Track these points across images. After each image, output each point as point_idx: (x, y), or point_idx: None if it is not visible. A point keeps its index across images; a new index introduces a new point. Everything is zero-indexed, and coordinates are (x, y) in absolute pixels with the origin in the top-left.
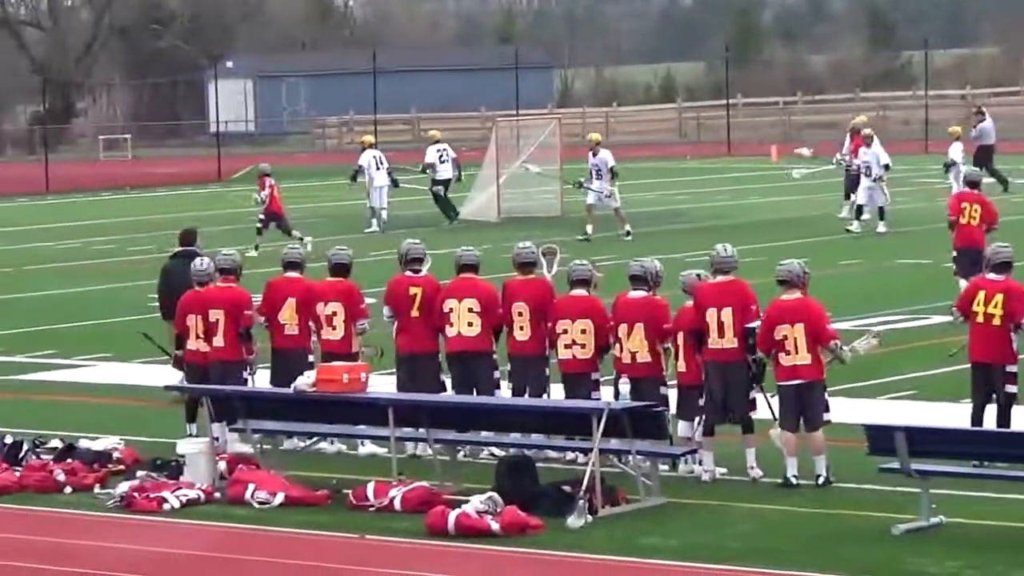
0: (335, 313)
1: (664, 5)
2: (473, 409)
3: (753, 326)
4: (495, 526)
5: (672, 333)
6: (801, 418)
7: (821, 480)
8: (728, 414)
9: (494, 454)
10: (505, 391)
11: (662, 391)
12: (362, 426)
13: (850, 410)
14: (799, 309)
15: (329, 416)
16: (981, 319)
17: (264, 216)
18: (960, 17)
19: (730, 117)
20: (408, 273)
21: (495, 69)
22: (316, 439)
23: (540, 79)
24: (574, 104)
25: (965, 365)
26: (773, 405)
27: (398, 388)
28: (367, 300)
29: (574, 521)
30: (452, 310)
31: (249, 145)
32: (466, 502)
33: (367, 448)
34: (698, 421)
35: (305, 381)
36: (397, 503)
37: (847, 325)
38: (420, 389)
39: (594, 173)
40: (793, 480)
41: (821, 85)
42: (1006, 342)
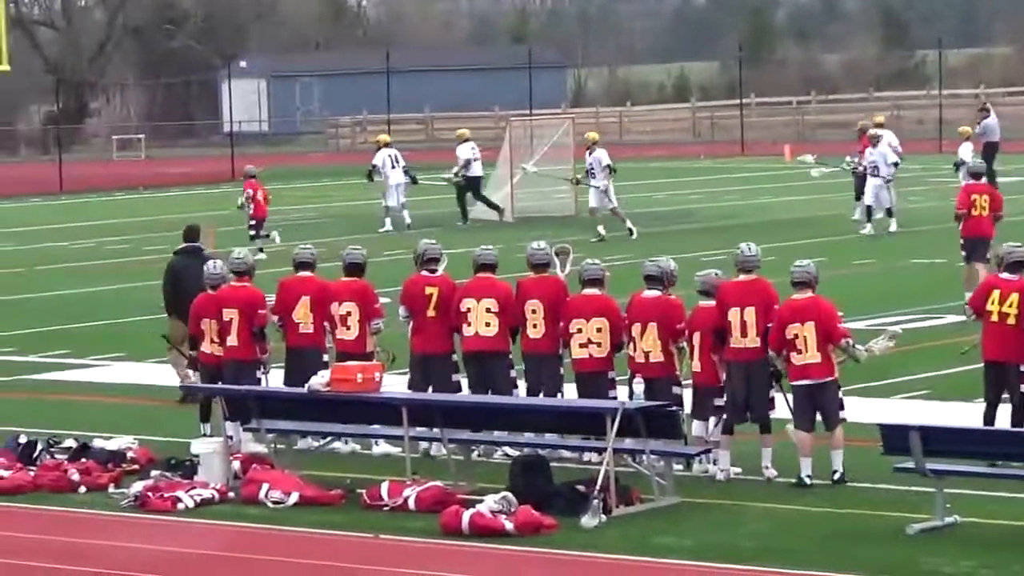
0: (349, 313)
1: (677, 4)
2: (487, 409)
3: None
4: (509, 526)
5: (686, 333)
6: (817, 417)
7: (837, 476)
8: (748, 413)
9: (508, 454)
10: (521, 391)
11: (676, 391)
12: (376, 426)
13: (864, 410)
14: (810, 308)
15: (343, 416)
16: (995, 318)
17: (254, 220)
18: (974, 16)
19: (743, 117)
20: (424, 273)
21: (508, 69)
22: (330, 439)
23: (553, 79)
24: (587, 104)
25: (978, 364)
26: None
27: (412, 388)
28: (382, 300)
29: (588, 521)
30: (470, 309)
31: (263, 145)
32: (480, 502)
33: (381, 448)
34: (715, 421)
35: (319, 381)
36: (411, 503)
37: (861, 325)
38: (434, 389)
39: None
40: (807, 480)
41: (835, 85)
42: (1021, 341)
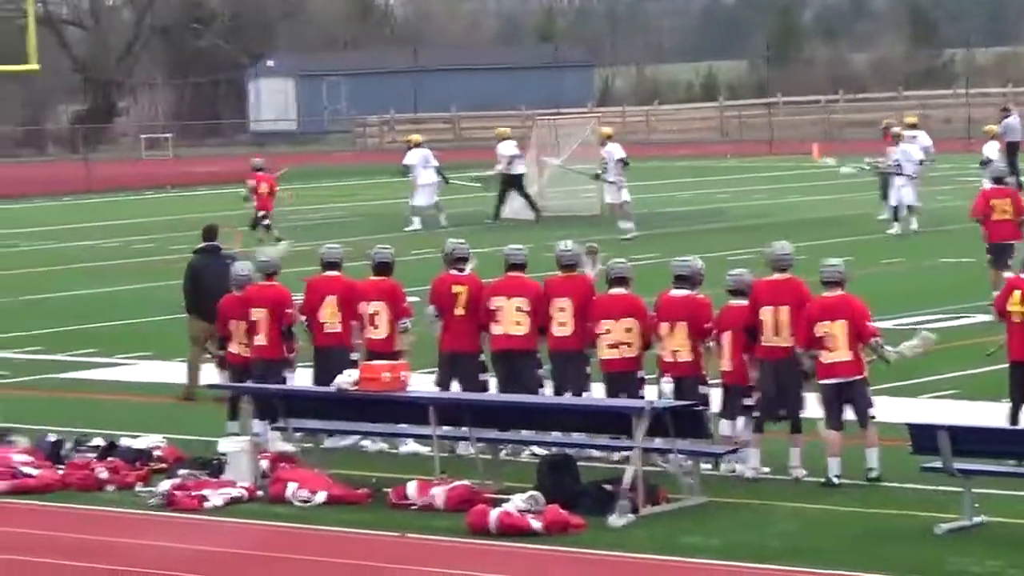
0: (378, 312)
1: (706, 3)
2: (515, 408)
3: None
4: (537, 525)
5: (714, 332)
6: (846, 416)
7: (873, 474)
8: (779, 412)
9: (536, 453)
10: (548, 390)
11: (703, 390)
12: (404, 425)
13: (892, 409)
14: (840, 306)
15: (371, 414)
16: (1018, 319)
17: (261, 213)
18: (1002, 15)
19: (771, 116)
20: (452, 272)
21: (535, 68)
22: (358, 437)
23: (581, 78)
24: (615, 103)
25: (1005, 364)
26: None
27: (440, 387)
28: (410, 299)
29: (616, 520)
30: (500, 308)
31: (290, 144)
32: (508, 501)
33: (409, 447)
34: (744, 420)
35: (346, 379)
36: (439, 502)
37: (889, 324)
38: (462, 388)
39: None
40: (835, 480)
41: (863, 83)
42: None
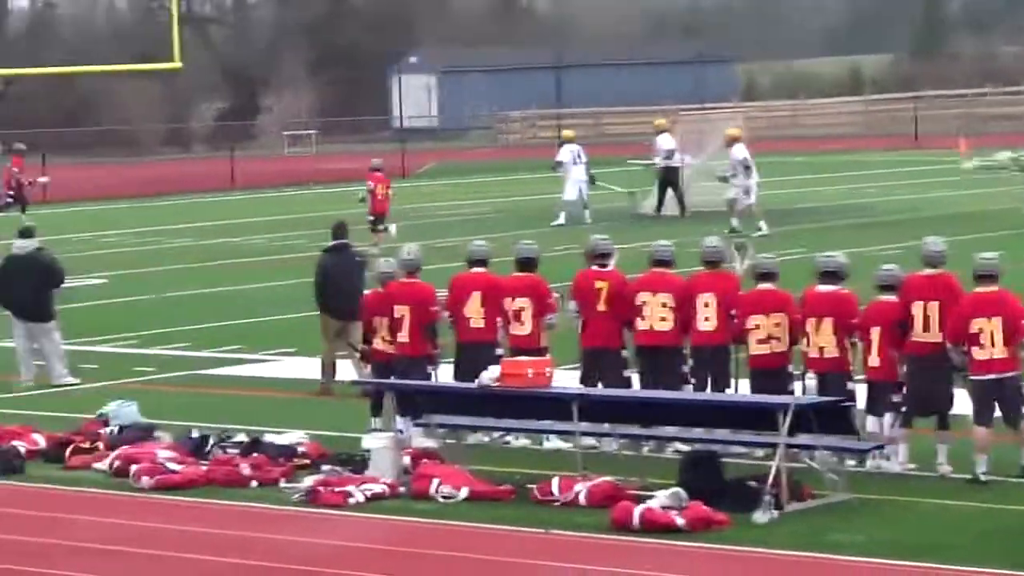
0: (522, 308)
1: None
2: (658, 404)
3: None
4: (680, 521)
5: (861, 327)
6: (999, 413)
7: None
8: (927, 408)
9: (679, 449)
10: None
11: (849, 386)
12: (547, 421)
13: None
14: (997, 302)
15: (514, 411)
16: None
17: (372, 215)
18: None
19: (916, 110)
20: (594, 267)
21: (679, 63)
22: (501, 434)
23: (725, 73)
24: (759, 97)
25: None
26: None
27: (583, 383)
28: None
29: (760, 516)
30: (645, 303)
31: (432, 140)
32: (651, 497)
33: (552, 443)
34: (892, 417)
35: (489, 376)
36: (582, 498)
37: None
38: (605, 384)
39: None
40: (982, 477)
41: (1012, 76)
42: None
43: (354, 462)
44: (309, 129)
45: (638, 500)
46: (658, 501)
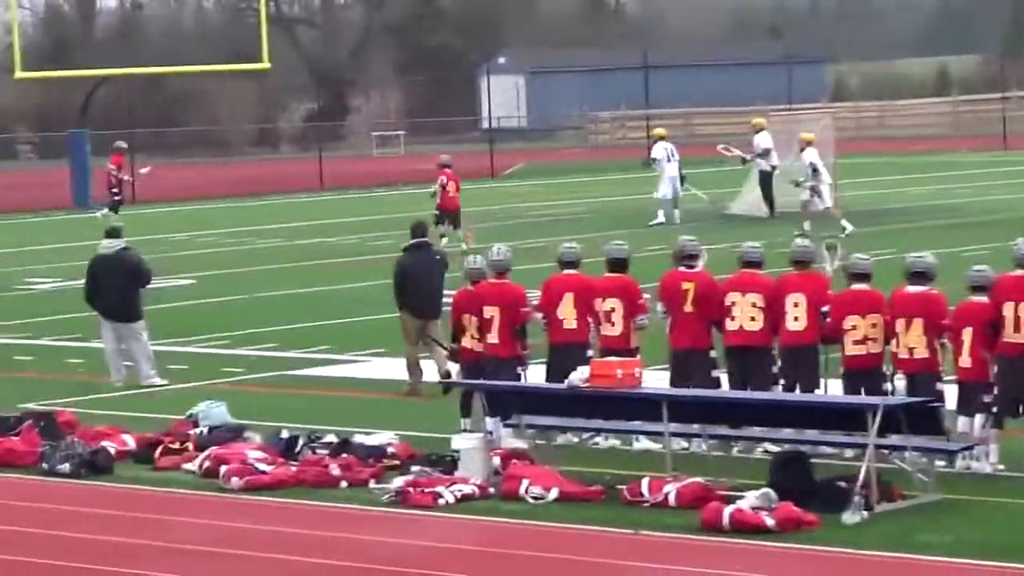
0: (613, 309)
1: None
2: (747, 404)
3: None
4: (770, 522)
5: (952, 328)
6: None
7: None
8: (1019, 408)
9: (768, 450)
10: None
11: (938, 387)
12: (636, 421)
13: None
14: None
15: (603, 411)
16: None
17: (439, 211)
18: None
19: (1006, 110)
20: (682, 268)
21: (767, 63)
22: (590, 434)
23: (813, 73)
24: (847, 98)
25: None
26: None
27: (671, 384)
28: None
29: (849, 517)
30: (735, 303)
31: (520, 141)
32: (741, 498)
33: (641, 443)
34: (982, 417)
35: (579, 376)
36: (672, 499)
37: None
38: (693, 385)
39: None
40: None
41: None
42: None
43: (444, 463)
44: (397, 130)
45: (728, 501)
46: (748, 502)
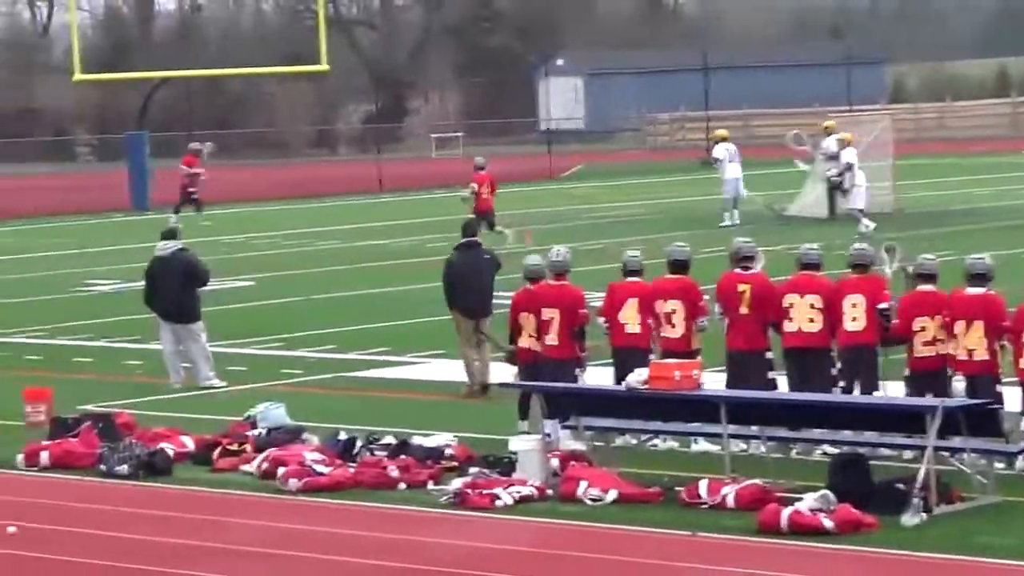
0: (674, 311)
1: None
2: (806, 406)
3: None
4: (828, 524)
5: (1012, 330)
6: None
7: None
8: None
9: (827, 452)
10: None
11: (997, 389)
12: (695, 423)
13: None
14: None
15: (662, 413)
16: None
17: (476, 215)
18: None
19: None
20: (738, 270)
21: (827, 65)
22: (649, 436)
23: (872, 74)
24: (907, 99)
25: None
26: None
27: (728, 385)
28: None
29: (908, 519)
30: (792, 305)
31: (579, 142)
32: (799, 500)
33: (700, 445)
34: None
35: (637, 378)
36: (730, 500)
37: None
38: (749, 387)
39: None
40: None
41: None
42: None
43: (502, 464)
44: (456, 132)
45: (786, 503)
46: (806, 504)
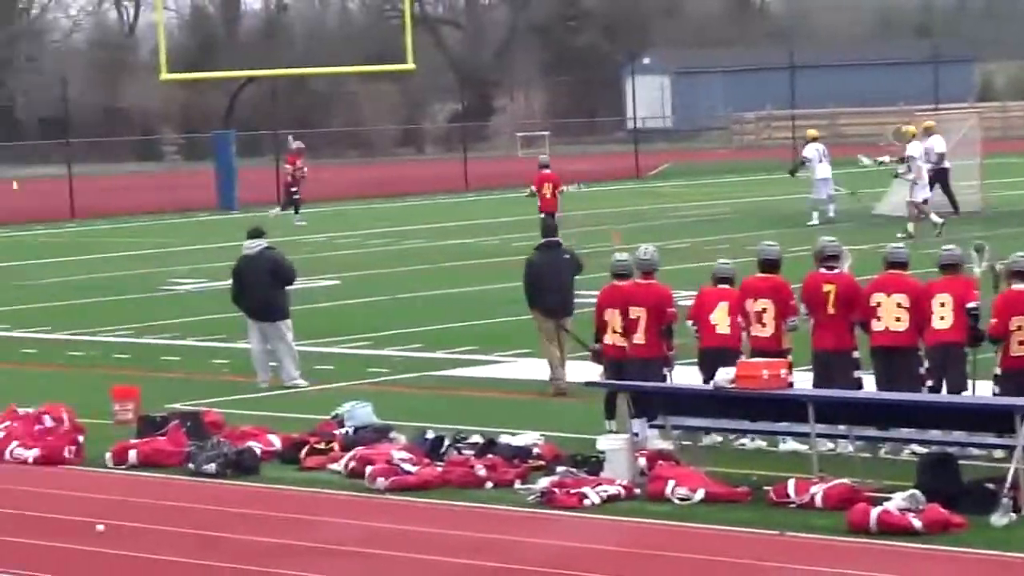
0: (765, 310)
1: None
2: (893, 406)
3: None
4: (917, 524)
5: None
6: None
7: None
8: None
9: (916, 451)
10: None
11: None
12: (783, 423)
13: None
14: None
15: (749, 412)
16: None
17: (544, 213)
18: None
19: None
20: (822, 270)
21: (914, 63)
22: (736, 435)
23: (960, 73)
24: (994, 98)
25: None
26: None
27: (815, 385)
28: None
29: (998, 519)
30: (880, 304)
31: (666, 141)
32: (888, 499)
33: (788, 445)
34: None
35: (725, 377)
36: (818, 500)
37: None
38: (836, 386)
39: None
40: None
41: None
42: None
43: (589, 464)
44: (542, 130)
45: (875, 502)
46: (895, 503)
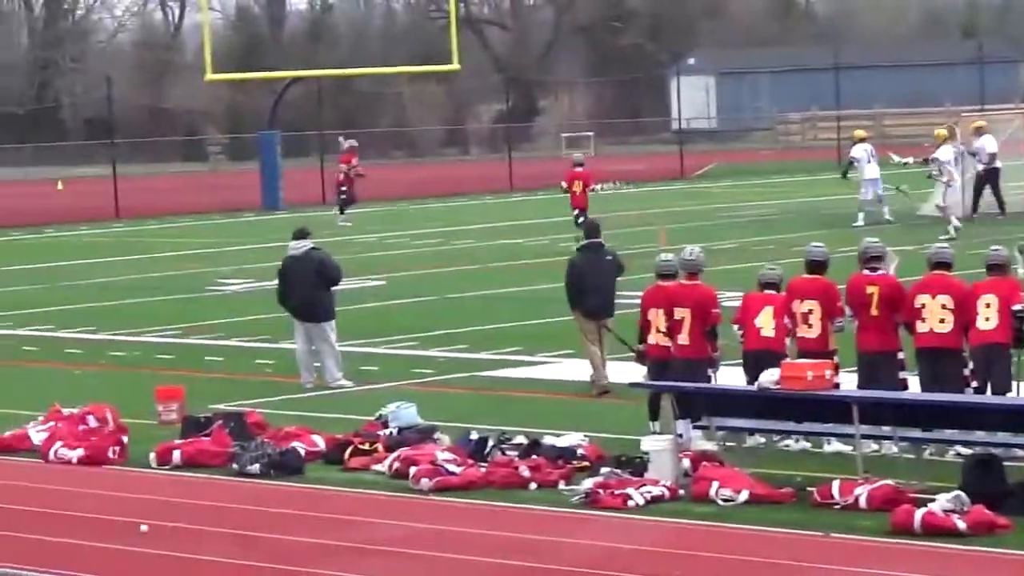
0: (811, 311)
1: None
2: (938, 407)
3: None
4: (962, 525)
5: None
6: None
7: None
8: None
9: (960, 453)
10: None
11: None
12: (827, 424)
13: None
14: None
15: (794, 413)
16: None
17: (577, 211)
18: None
19: None
20: (866, 271)
21: (960, 63)
22: (780, 436)
23: (1006, 73)
24: None
25: None
26: None
27: (859, 386)
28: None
29: None
30: (924, 305)
31: (711, 142)
32: (932, 501)
33: (833, 446)
34: None
35: (769, 378)
36: (862, 501)
37: None
38: (880, 387)
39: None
40: None
41: None
42: None
43: (633, 464)
44: (587, 131)
45: (919, 504)
46: (939, 504)
